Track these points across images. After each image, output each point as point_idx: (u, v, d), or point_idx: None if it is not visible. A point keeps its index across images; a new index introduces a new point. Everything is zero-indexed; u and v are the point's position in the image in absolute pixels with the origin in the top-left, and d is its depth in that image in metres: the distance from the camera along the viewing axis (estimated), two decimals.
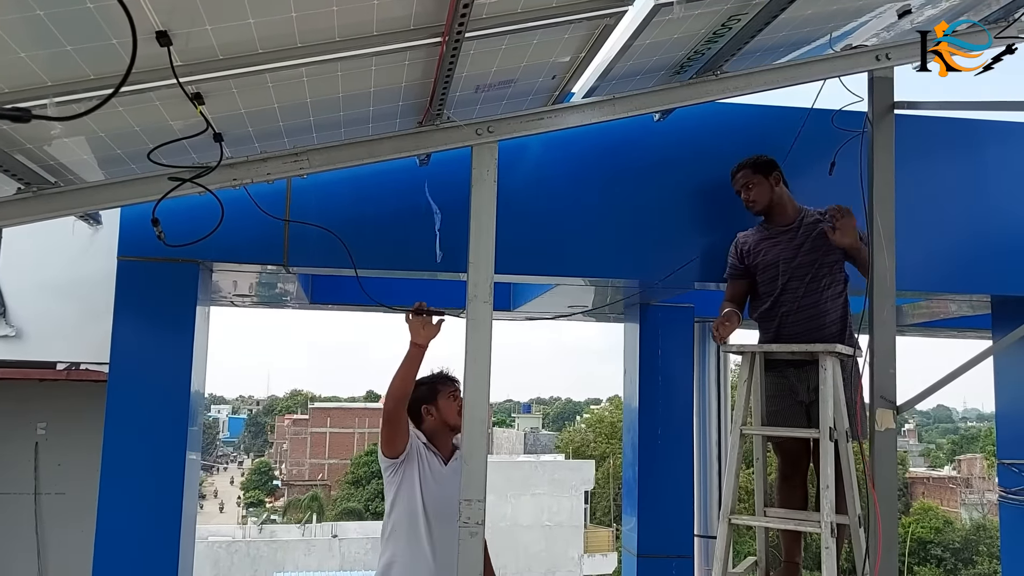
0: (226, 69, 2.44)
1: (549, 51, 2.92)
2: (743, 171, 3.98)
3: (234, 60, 2.41)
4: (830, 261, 3.87)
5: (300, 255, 3.88)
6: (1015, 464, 4.40)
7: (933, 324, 6.71)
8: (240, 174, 3.13)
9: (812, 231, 3.90)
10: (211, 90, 2.57)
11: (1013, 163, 4.44)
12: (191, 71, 2.38)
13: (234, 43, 2.32)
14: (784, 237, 3.93)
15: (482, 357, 3.12)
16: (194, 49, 2.30)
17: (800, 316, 3.84)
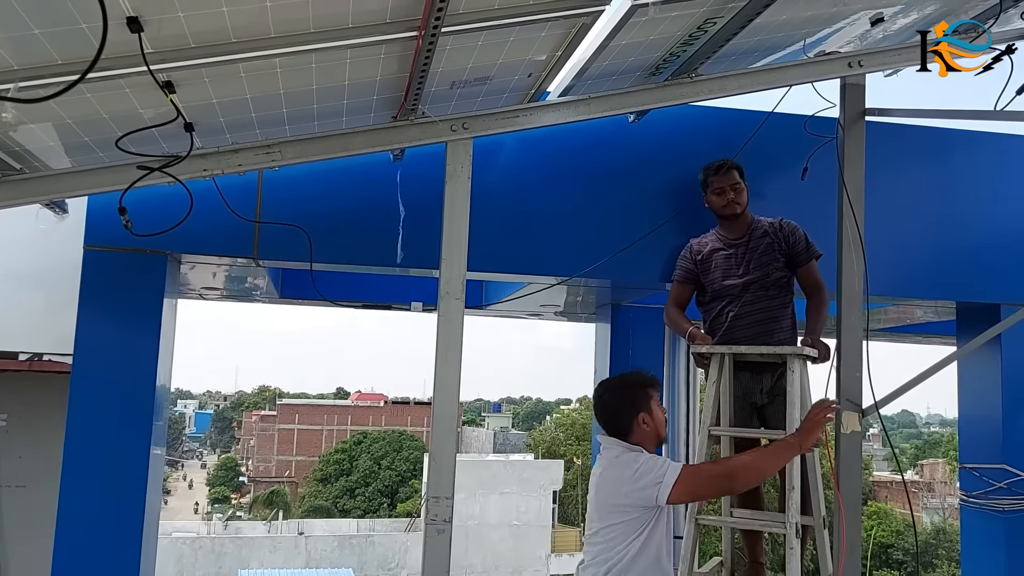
0: (198, 58, 2.41)
1: (526, 49, 2.92)
2: (730, 172, 3.97)
3: (207, 49, 2.38)
4: (779, 272, 3.94)
5: (271, 249, 3.84)
6: (977, 468, 4.48)
7: (899, 330, 6.81)
8: (211, 165, 3.09)
9: (760, 245, 3.95)
10: (183, 79, 2.54)
11: (980, 171, 4.51)
12: (162, 59, 2.35)
13: (207, 31, 2.29)
14: (737, 247, 3.98)
15: (453, 354, 3.11)
16: (166, 36, 2.27)
17: (751, 320, 3.90)
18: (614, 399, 3.01)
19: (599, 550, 2.88)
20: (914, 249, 4.41)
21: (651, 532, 2.82)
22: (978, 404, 4.62)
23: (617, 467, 2.89)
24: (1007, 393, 4.40)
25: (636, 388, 3.01)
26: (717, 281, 3.99)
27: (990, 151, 4.55)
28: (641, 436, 2.95)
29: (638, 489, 2.79)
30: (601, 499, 2.92)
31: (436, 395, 3.09)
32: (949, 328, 5.36)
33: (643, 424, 2.94)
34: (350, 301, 5.42)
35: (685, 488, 2.79)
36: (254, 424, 62.15)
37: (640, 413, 2.95)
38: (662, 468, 2.81)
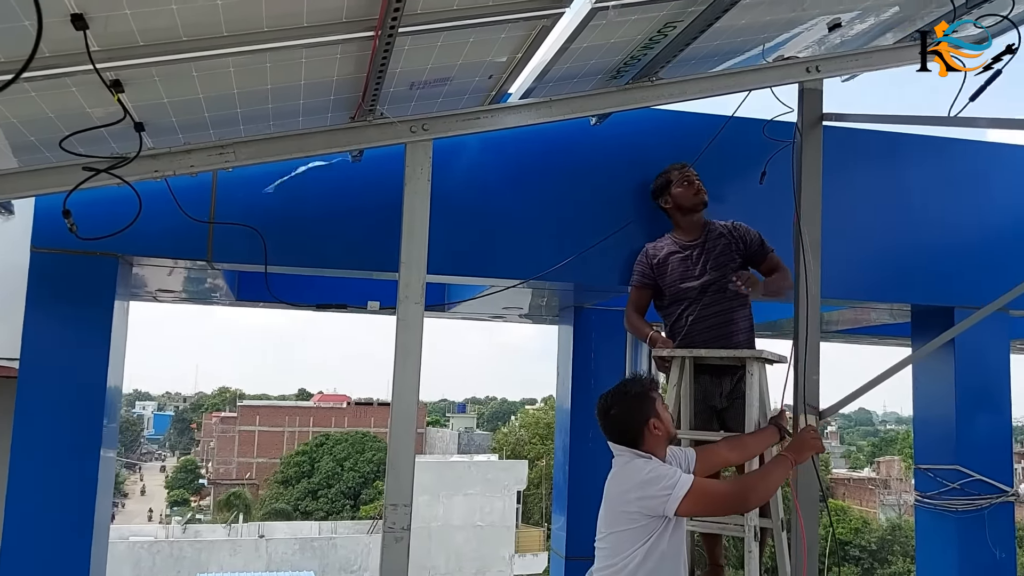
0: (147, 56, 2.35)
1: (486, 50, 2.89)
2: (688, 167, 4.04)
3: (156, 47, 2.32)
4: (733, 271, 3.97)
5: (225, 251, 3.76)
6: (931, 469, 4.54)
7: (855, 331, 6.90)
8: (162, 166, 3.02)
9: (716, 246, 3.98)
10: (132, 78, 2.47)
11: (935, 176, 4.58)
12: (110, 57, 2.29)
13: (155, 29, 2.23)
14: (694, 251, 4.01)
15: (412, 358, 3.07)
16: (113, 34, 2.20)
17: (709, 323, 3.93)
18: (621, 412, 2.95)
19: (605, 555, 2.86)
20: (870, 252, 4.46)
21: (657, 540, 2.78)
22: (933, 406, 4.69)
23: (626, 474, 2.87)
24: (960, 395, 4.47)
25: (642, 397, 2.96)
26: (675, 284, 4.00)
27: (945, 156, 4.62)
28: (653, 442, 2.91)
29: (646, 497, 2.76)
30: (610, 506, 2.90)
31: (395, 401, 3.05)
32: (904, 330, 5.44)
33: (654, 430, 2.90)
34: (306, 303, 5.35)
35: (695, 502, 2.76)
36: (214, 426, 61.30)
37: (649, 420, 2.90)
38: (673, 479, 2.78)
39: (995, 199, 4.63)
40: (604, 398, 3.03)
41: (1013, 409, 4.66)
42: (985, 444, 4.44)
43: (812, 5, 3.19)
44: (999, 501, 4.34)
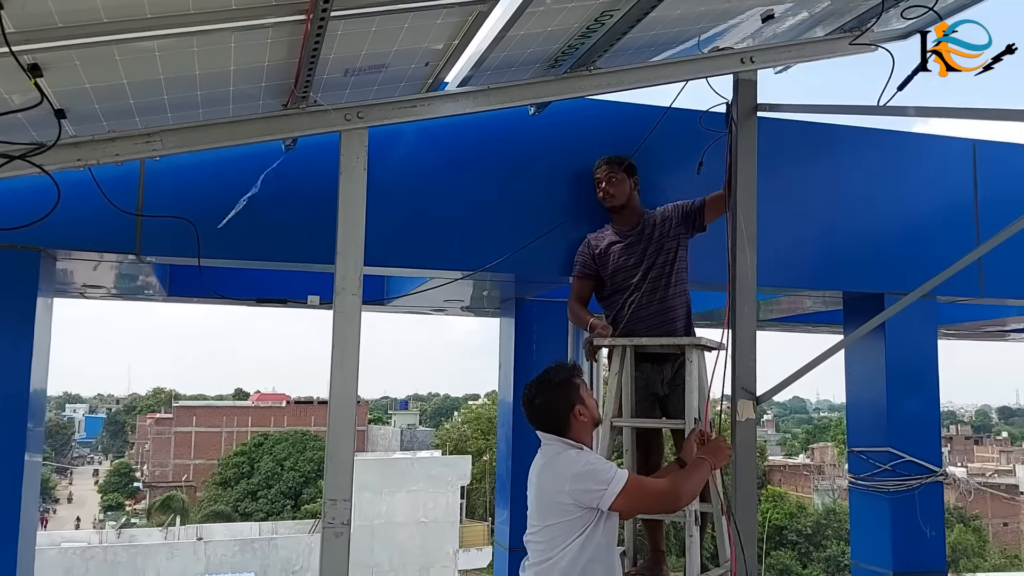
0: (67, 39, 2.25)
1: (421, 36, 2.85)
2: (608, 164, 4.07)
3: (75, 29, 2.22)
4: (673, 260, 4.02)
5: (155, 243, 3.64)
6: (864, 451, 4.66)
7: (789, 320, 7.05)
8: (85, 154, 2.90)
9: (654, 233, 4.02)
10: (51, 61, 2.37)
11: (866, 166, 4.68)
12: (27, 39, 2.18)
13: (75, 11, 2.14)
14: (632, 239, 4.04)
15: (350, 352, 3.02)
16: (30, 15, 2.10)
17: (650, 311, 3.96)
18: (546, 401, 2.94)
19: (540, 548, 2.85)
20: (804, 241, 4.55)
21: (593, 531, 2.79)
22: (864, 390, 4.80)
23: (558, 465, 2.85)
24: (891, 379, 4.58)
25: (566, 384, 2.96)
26: (616, 274, 4.02)
27: (875, 146, 4.73)
28: (579, 428, 2.92)
29: (581, 490, 2.76)
30: (542, 498, 2.88)
31: (333, 394, 2.99)
32: (837, 317, 5.57)
33: (579, 417, 2.91)
34: (244, 298, 5.22)
35: (629, 497, 2.78)
36: (149, 428, 59.83)
37: (575, 407, 2.91)
38: (609, 473, 2.79)
39: (922, 188, 4.76)
40: (528, 388, 3.03)
41: (940, 394, 4.80)
42: (915, 426, 4.57)
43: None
44: (929, 481, 4.47)
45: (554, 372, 3.03)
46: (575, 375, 3.00)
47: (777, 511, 37.22)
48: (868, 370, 4.74)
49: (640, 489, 2.86)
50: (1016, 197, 4.73)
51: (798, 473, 51.23)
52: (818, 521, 37.56)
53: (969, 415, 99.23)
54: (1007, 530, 45.07)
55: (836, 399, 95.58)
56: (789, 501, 39.81)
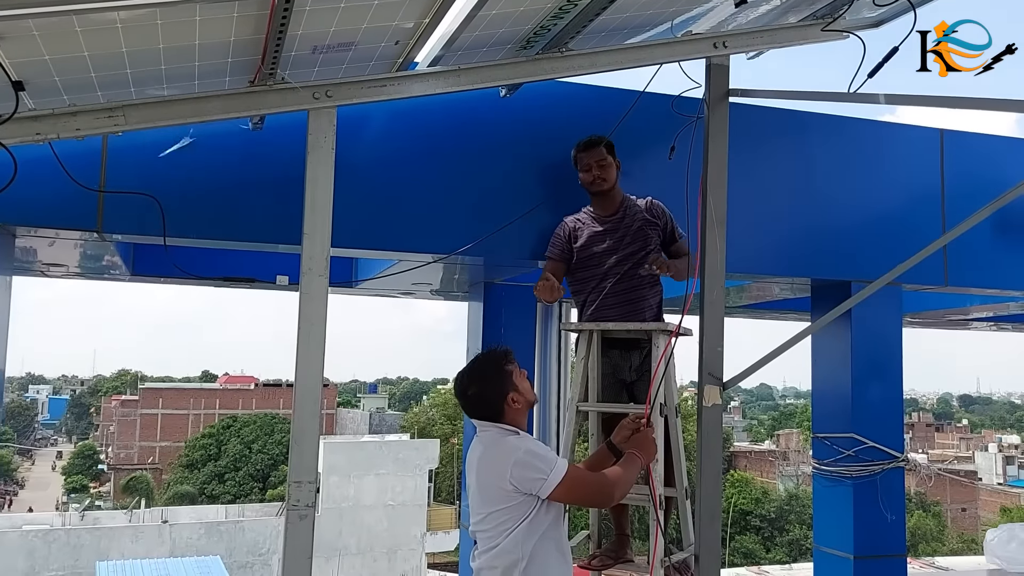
0: (23, 7, 2.17)
1: (391, 14, 2.80)
2: (596, 148, 3.99)
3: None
4: (649, 250, 4.02)
5: (118, 221, 3.57)
6: (828, 437, 4.71)
7: (757, 307, 7.10)
8: (45, 128, 2.82)
9: (635, 223, 4.01)
10: (7, 31, 2.29)
11: (834, 154, 4.71)
12: None
13: None
14: (610, 226, 4.02)
15: (316, 333, 2.98)
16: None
17: (619, 299, 3.96)
18: (481, 390, 2.94)
19: (488, 536, 2.85)
20: (773, 228, 4.57)
21: (537, 513, 2.80)
22: (830, 377, 4.86)
23: (499, 452, 2.85)
24: (856, 366, 4.64)
25: (498, 371, 2.94)
26: (590, 259, 4.00)
27: (843, 134, 4.76)
28: (513, 414, 2.92)
29: (523, 478, 2.77)
30: (484, 485, 2.88)
31: (298, 376, 2.96)
32: (804, 305, 5.62)
33: (514, 404, 2.91)
34: (210, 277, 5.15)
35: (567, 489, 2.80)
36: (114, 409, 59.11)
37: (508, 394, 2.91)
38: (550, 463, 2.80)
39: (890, 176, 4.80)
40: (460, 378, 3.01)
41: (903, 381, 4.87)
42: (878, 413, 4.63)
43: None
44: (891, 467, 4.54)
45: (485, 361, 3.02)
46: (507, 362, 2.98)
47: (742, 496, 37.74)
48: (834, 357, 4.80)
49: (578, 482, 2.89)
50: (982, 186, 4.79)
51: (763, 459, 51.97)
52: (781, 506, 38.17)
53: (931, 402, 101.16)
54: (965, 515, 46.13)
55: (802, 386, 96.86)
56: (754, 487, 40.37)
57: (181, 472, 43.78)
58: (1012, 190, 2.60)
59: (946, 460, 54.22)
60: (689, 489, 3.75)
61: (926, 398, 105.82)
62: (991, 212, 2.67)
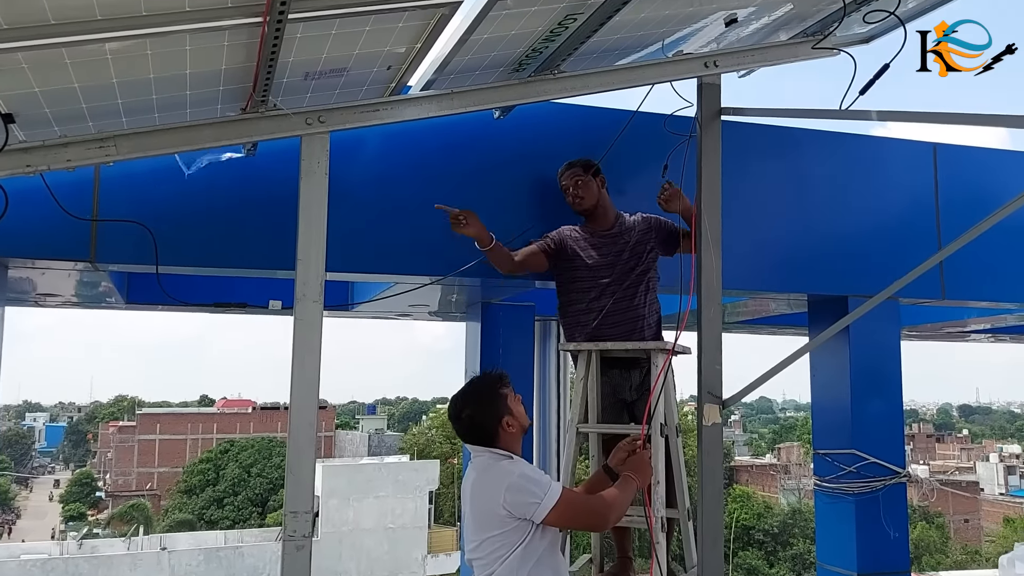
0: (13, 41, 2.17)
1: (383, 40, 2.80)
2: (572, 169, 4.03)
3: (22, 31, 2.14)
4: (647, 268, 4.00)
5: (111, 251, 3.55)
6: (829, 454, 4.68)
7: (754, 322, 7.09)
8: (35, 160, 2.81)
9: (632, 238, 3.99)
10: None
11: (829, 170, 4.72)
12: None
13: (20, 13, 2.06)
14: (605, 242, 4.00)
15: (311, 361, 2.96)
16: None
17: (617, 318, 3.92)
18: (475, 413, 2.91)
19: (484, 564, 2.80)
20: (769, 244, 4.56)
21: (532, 539, 2.76)
22: (829, 392, 4.83)
23: (492, 477, 2.82)
24: (855, 381, 4.61)
25: (493, 395, 2.92)
26: (586, 272, 3.96)
27: (838, 150, 4.77)
28: (508, 439, 2.89)
29: (516, 502, 2.73)
30: (478, 511, 2.84)
31: (294, 404, 2.93)
32: (802, 320, 5.60)
33: (508, 428, 2.88)
34: (203, 304, 5.13)
35: (561, 513, 2.77)
36: (111, 436, 58.84)
37: (503, 418, 2.88)
38: (543, 486, 2.77)
39: (885, 191, 4.81)
40: (455, 402, 2.98)
41: None
42: (879, 428, 4.61)
43: (709, 0, 3.22)
44: (892, 482, 4.51)
45: (480, 384, 3.00)
46: (502, 385, 2.96)
47: (744, 511, 37.56)
48: (833, 372, 4.78)
49: (572, 505, 2.85)
50: (976, 199, 4.80)
51: (765, 473, 51.78)
52: (784, 520, 37.98)
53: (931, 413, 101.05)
54: (968, 527, 45.94)
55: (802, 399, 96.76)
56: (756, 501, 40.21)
57: (179, 498, 43.49)
58: (1009, 204, 2.59)
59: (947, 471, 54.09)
60: (691, 510, 3.71)
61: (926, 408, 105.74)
62: (989, 226, 2.66)
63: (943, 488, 42.36)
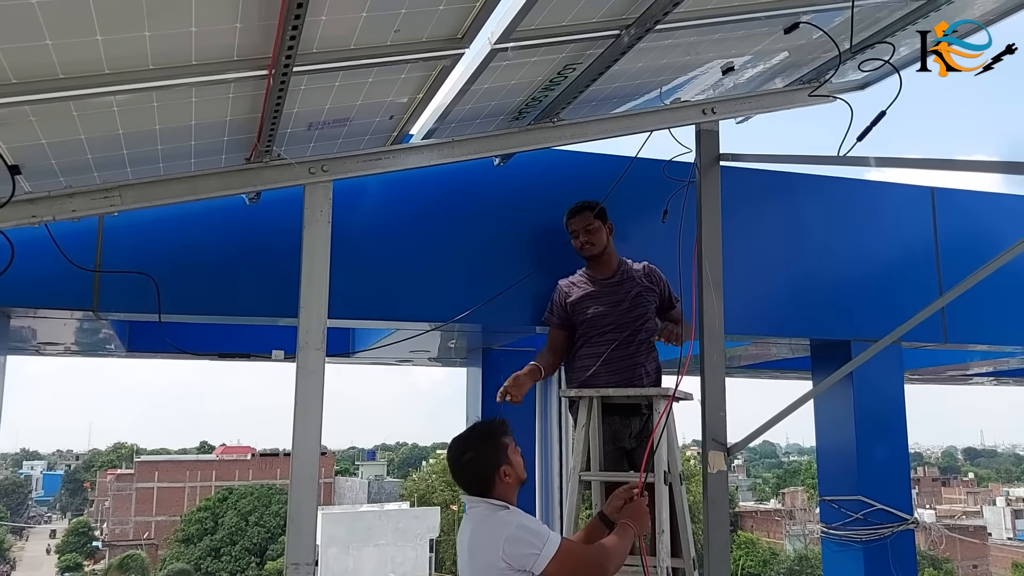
0: (21, 95, 2.20)
1: (386, 90, 2.84)
2: (583, 214, 4.01)
3: (30, 85, 2.17)
4: (648, 317, 4.00)
5: (113, 300, 3.55)
6: (835, 500, 4.63)
7: (757, 366, 7.07)
8: (41, 211, 2.83)
9: (633, 289, 4.00)
10: (4, 117, 2.32)
11: (828, 215, 4.75)
12: None
13: (29, 66, 2.09)
14: (607, 291, 3.99)
15: (313, 408, 2.94)
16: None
17: (617, 367, 3.91)
18: (476, 457, 2.86)
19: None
20: (770, 289, 4.57)
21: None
22: (834, 437, 4.80)
23: (490, 528, 2.78)
24: (859, 426, 4.58)
25: (494, 442, 2.86)
26: (587, 324, 3.98)
27: (838, 195, 4.80)
28: (504, 489, 2.84)
29: (516, 554, 2.69)
30: (477, 564, 2.78)
31: (295, 454, 2.91)
32: (804, 364, 5.58)
33: (504, 478, 2.82)
34: (205, 352, 5.12)
35: (560, 563, 2.71)
36: (109, 484, 58.23)
37: (501, 467, 2.83)
38: (542, 536, 2.72)
39: (884, 235, 4.83)
40: (456, 444, 2.93)
41: None
42: (885, 473, 4.57)
43: (706, 49, 3.28)
44: (900, 529, 4.45)
45: (481, 430, 2.96)
46: (503, 434, 2.90)
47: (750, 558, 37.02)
48: (837, 417, 4.75)
49: (571, 556, 2.79)
50: (975, 242, 4.82)
51: (770, 519, 51.12)
52: (791, 567, 37.41)
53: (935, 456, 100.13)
54: (977, 573, 45.23)
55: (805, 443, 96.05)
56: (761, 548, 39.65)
57: (177, 547, 42.91)
58: (1010, 250, 2.61)
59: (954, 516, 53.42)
60: (696, 559, 3.66)
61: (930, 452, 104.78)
62: (989, 272, 2.67)
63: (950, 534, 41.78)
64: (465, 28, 2.51)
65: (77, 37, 2.00)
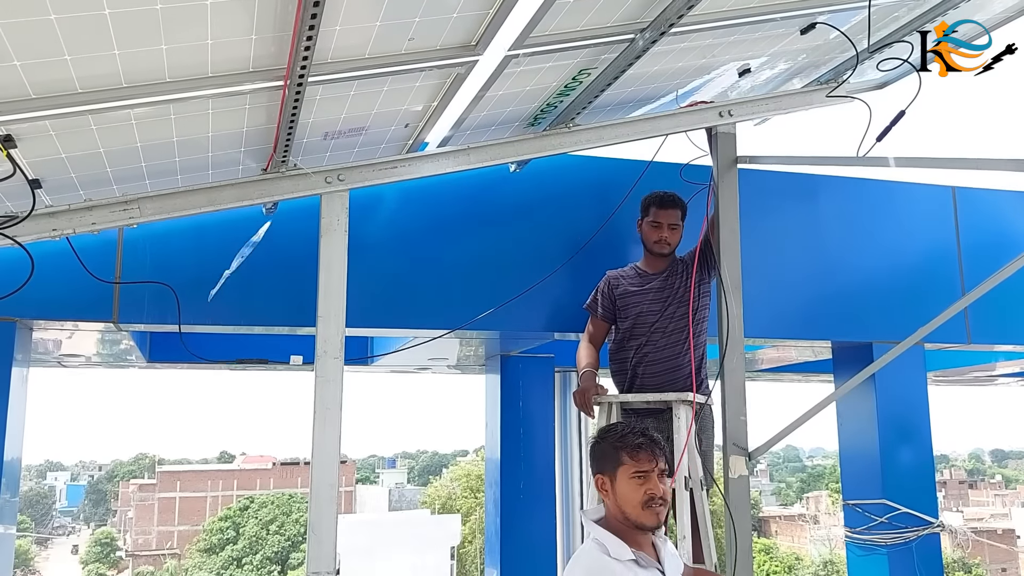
0: (41, 109, 2.22)
1: (401, 99, 2.85)
2: (675, 210, 3.86)
3: (49, 100, 2.19)
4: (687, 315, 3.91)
5: (133, 311, 3.58)
6: (859, 504, 4.58)
7: (778, 369, 7.01)
8: (61, 224, 2.86)
9: (677, 282, 3.89)
10: (24, 132, 2.34)
11: (848, 215, 4.70)
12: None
13: (48, 82, 2.11)
14: (654, 286, 3.90)
15: (332, 417, 2.95)
16: (2, 87, 2.08)
17: (659, 367, 3.83)
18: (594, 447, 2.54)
19: None
20: (789, 291, 4.53)
21: None
22: (857, 441, 4.75)
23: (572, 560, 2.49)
24: (883, 429, 4.53)
25: (602, 441, 2.53)
26: (633, 320, 3.88)
27: (858, 195, 4.75)
28: (605, 499, 2.48)
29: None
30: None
31: (315, 463, 2.91)
32: (826, 366, 5.53)
33: (603, 490, 2.48)
34: (224, 361, 5.15)
35: None
36: (132, 494, 58.59)
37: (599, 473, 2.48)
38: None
39: (905, 235, 4.77)
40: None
41: None
42: (909, 477, 4.51)
43: (722, 52, 3.26)
44: (926, 533, 4.39)
45: (613, 428, 2.62)
46: (626, 447, 2.47)
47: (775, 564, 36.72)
48: (860, 420, 4.70)
49: None
50: (997, 240, 4.76)
51: (794, 523, 50.68)
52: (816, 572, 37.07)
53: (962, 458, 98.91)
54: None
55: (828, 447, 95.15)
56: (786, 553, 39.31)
57: (199, 557, 43.11)
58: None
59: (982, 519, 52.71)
60: (718, 565, 3.63)
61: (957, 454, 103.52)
62: (1013, 271, 2.63)
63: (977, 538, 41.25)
64: (479, 35, 2.51)
65: (95, 52, 2.01)
